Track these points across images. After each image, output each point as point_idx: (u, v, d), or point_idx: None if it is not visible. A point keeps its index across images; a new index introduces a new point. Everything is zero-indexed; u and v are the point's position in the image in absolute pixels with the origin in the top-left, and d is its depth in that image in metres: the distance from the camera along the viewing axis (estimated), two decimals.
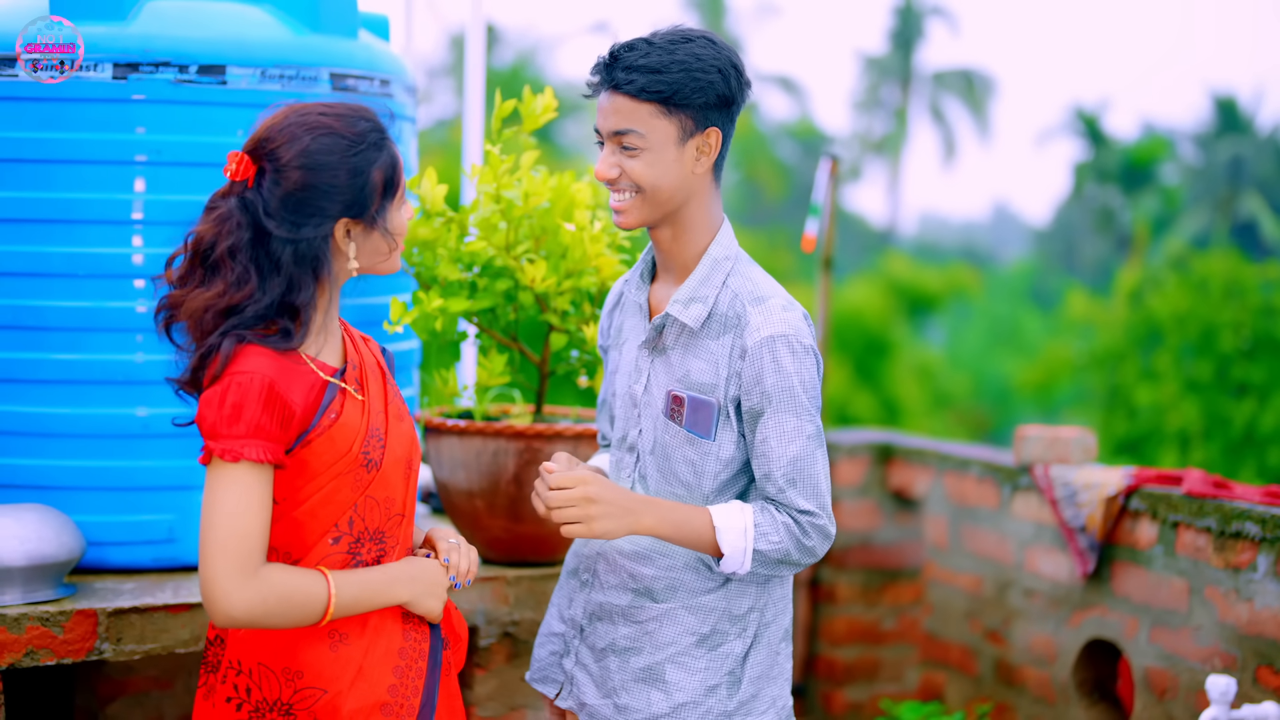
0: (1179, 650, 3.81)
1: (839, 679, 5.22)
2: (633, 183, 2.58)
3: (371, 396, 2.46)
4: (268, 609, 2.29)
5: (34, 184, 3.37)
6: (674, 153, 2.57)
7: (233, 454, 2.28)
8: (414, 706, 2.45)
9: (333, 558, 2.40)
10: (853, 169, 38.09)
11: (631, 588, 2.66)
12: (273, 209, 2.34)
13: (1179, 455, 14.61)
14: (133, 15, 3.39)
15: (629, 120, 2.55)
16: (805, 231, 5.14)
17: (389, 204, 2.43)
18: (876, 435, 5.44)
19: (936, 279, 24.31)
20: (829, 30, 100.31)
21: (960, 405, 24.55)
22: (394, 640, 2.45)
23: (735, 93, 2.59)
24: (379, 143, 2.41)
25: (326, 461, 2.37)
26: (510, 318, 3.54)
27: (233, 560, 2.28)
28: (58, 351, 3.37)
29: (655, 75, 2.52)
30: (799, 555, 2.57)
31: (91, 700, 3.81)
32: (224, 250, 2.35)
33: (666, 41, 2.55)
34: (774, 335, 2.59)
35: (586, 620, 2.72)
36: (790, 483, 2.57)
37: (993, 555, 4.64)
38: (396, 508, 2.48)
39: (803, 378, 2.58)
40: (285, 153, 2.35)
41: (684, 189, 2.60)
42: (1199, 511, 3.76)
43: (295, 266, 2.35)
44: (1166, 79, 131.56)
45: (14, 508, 3.19)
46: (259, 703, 2.39)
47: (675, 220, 2.63)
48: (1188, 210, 30.20)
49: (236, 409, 2.29)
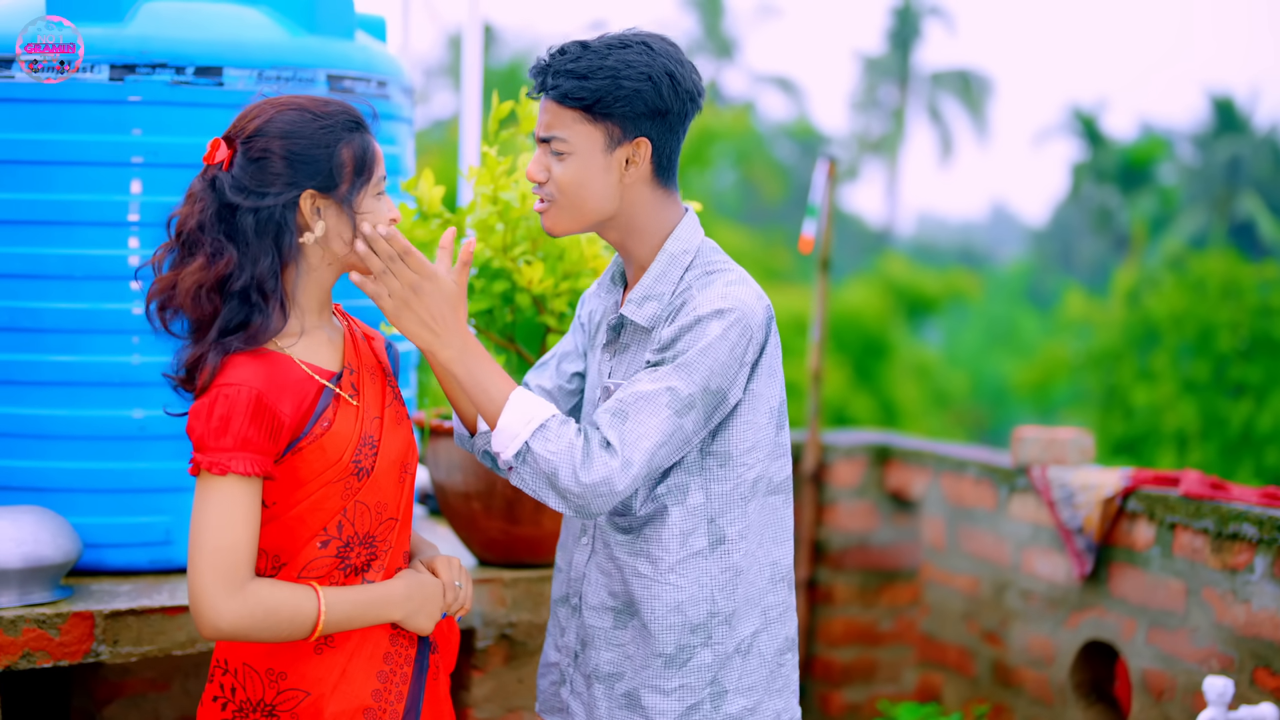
0: (1176, 651, 3.81)
1: (836, 680, 5.22)
2: (556, 188, 2.51)
3: (367, 401, 2.45)
4: (254, 622, 2.30)
5: (30, 185, 3.37)
6: (600, 160, 2.49)
7: (220, 467, 2.28)
8: (398, 712, 2.45)
9: (320, 561, 2.40)
10: (850, 169, 38.10)
11: (610, 606, 2.57)
12: (238, 180, 2.34)
13: (1176, 456, 14.62)
14: (129, 17, 3.38)
15: (555, 126, 2.50)
16: (803, 232, 5.14)
17: (361, 187, 2.39)
18: (874, 436, 5.44)
19: (935, 280, 24.32)
20: (827, 30, 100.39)
21: (957, 406, 24.57)
22: (380, 646, 2.44)
23: (669, 102, 2.49)
24: (350, 125, 2.39)
25: (316, 469, 2.37)
26: (507, 319, 3.54)
27: (219, 573, 2.28)
28: (54, 353, 3.36)
29: (580, 82, 2.46)
30: (567, 484, 2.36)
31: (88, 702, 3.80)
32: (194, 226, 2.36)
33: (602, 46, 2.48)
34: (715, 310, 2.44)
35: (580, 646, 2.63)
36: (614, 413, 2.40)
37: (990, 556, 4.64)
38: (389, 512, 2.47)
39: (715, 350, 2.42)
40: (251, 127, 2.37)
41: (612, 198, 2.52)
42: (1196, 513, 3.76)
43: (257, 236, 2.34)
44: (1164, 79, 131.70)
45: (10, 510, 3.18)
46: (243, 703, 2.40)
47: (617, 226, 2.56)
48: (1185, 210, 30.20)
49: (224, 422, 2.29)
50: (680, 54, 2.54)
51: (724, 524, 2.52)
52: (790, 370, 18.22)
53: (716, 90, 36.65)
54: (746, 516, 2.54)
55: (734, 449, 2.52)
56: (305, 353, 2.40)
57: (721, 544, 2.52)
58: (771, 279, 21.42)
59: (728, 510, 2.52)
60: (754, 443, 2.53)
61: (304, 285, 2.42)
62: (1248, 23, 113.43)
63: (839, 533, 5.24)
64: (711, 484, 2.52)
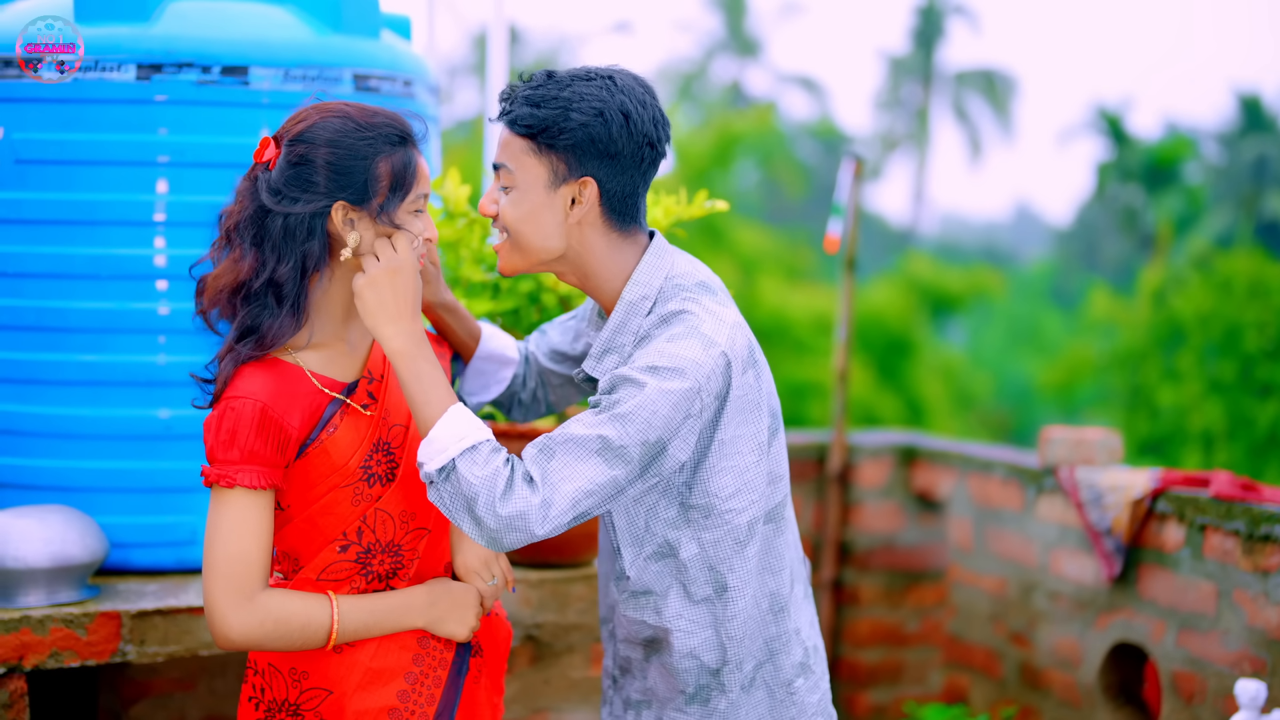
0: (1207, 654, 3.78)
1: (862, 681, 5.20)
2: (504, 223, 2.43)
3: (389, 410, 2.44)
4: (265, 633, 2.31)
5: (57, 185, 3.37)
6: (542, 197, 2.39)
7: (227, 480, 2.29)
8: (428, 715, 2.44)
9: (340, 565, 2.40)
10: (874, 169, 38.02)
11: (640, 639, 2.53)
12: (274, 183, 2.33)
13: (1202, 456, 14.54)
14: (156, 16, 3.39)
15: (504, 154, 2.42)
16: (828, 232, 5.13)
17: (398, 202, 2.37)
18: (900, 437, 5.42)
19: (959, 280, 24.24)
20: (851, 29, 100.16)
21: (982, 406, 24.49)
22: (408, 647, 2.44)
23: (619, 143, 2.37)
24: (393, 139, 2.37)
25: (321, 474, 2.37)
26: (533, 319, 3.53)
27: (230, 584, 2.29)
28: (80, 353, 3.37)
29: (530, 109, 2.37)
30: (483, 512, 2.25)
31: (115, 702, 3.81)
32: (231, 225, 2.37)
33: (566, 76, 2.39)
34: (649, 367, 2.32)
35: (618, 672, 2.60)
36: (541, 449, 2.29)
37: (1017, 557, 4.62)
38: (418, 522, 2.45)
39: (655, 405, 2.28)
40: (296, 130, 2.36)
41: (556, 237, 2.41)
42: (1227, 514, 3.74)
43: (284, 241, 2.33)
44: (1189, 78, 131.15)
45: (38, 509, 3.18)
46: (270, 702, 2.42)
47: (569, 268, 2.46)
48: (1211, 209, 30.04)
49: (231, 435, 2.30)
50: (647, 97, 2.42)
51: (724, 571, 2.45)
52: (815, 370, 18.21)
53: (739, 90, 36.62)
54: (746, 562, 2.46)
55: (715, 499, 2.42)
56: (319, 363, 2.40)
57: (725, 591, 2.45)
58: (795, 279, 21.38)
59: (726, 558, 2.45)
60: (739, 487, 2.43)
61: (329, 294, 2.41)
62: (1274, 20, 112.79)
63: (865, 533, 5.22)
64: (702, 534, 2.44)
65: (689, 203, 3.44)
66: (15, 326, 3.39)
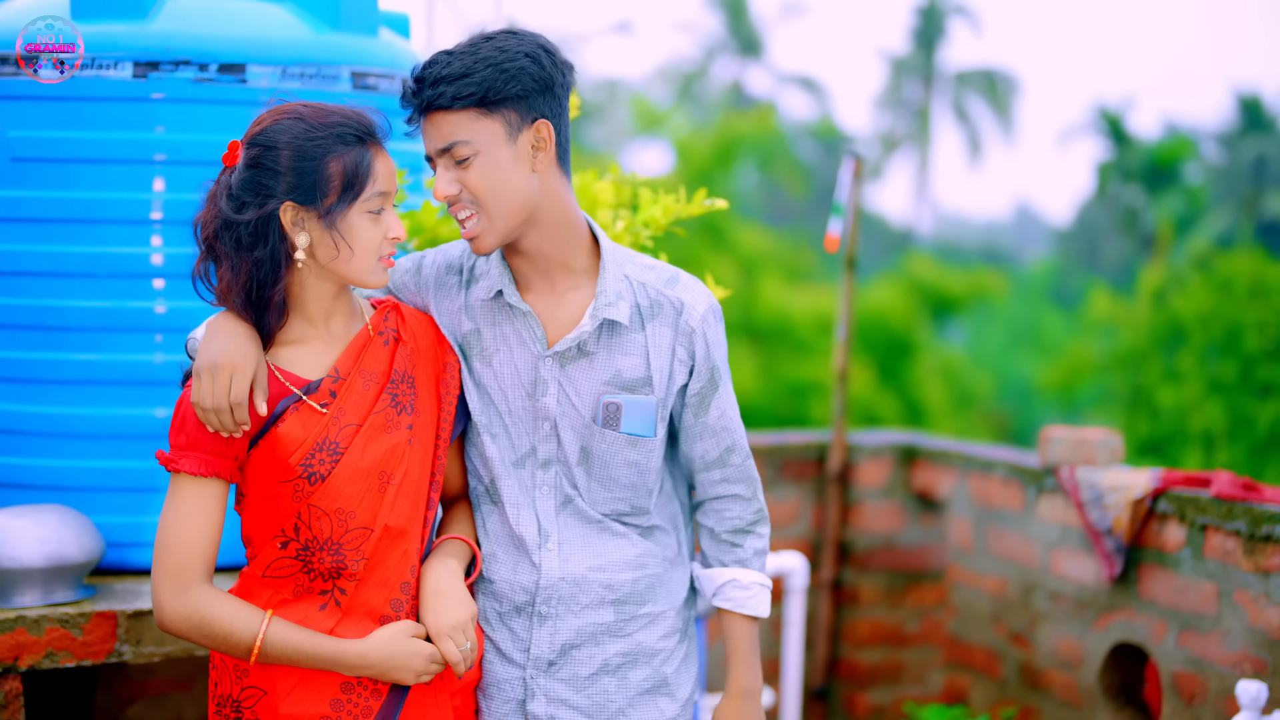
0: (1208, 655, 3.77)
1: (862, 681, 5.19)
2: (473, 196, 2.44)
3: (344, 408, 2.43)
4: (191, 627, 2.36)
5: (54, 183, 3.36)
6: (507, 152, 2.44)
7: (172, 464, 2.35)
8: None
9: (282, 562, 2.43)
10: (874, 169, 38.01)
11: (611, 600, 2.57)
12: (231, 187, 2.36)
13: (1203, 456, 14.53)
14: (153, 14, 3.37)
15: (452, 132, 2.43)
16: (829, 231, 5.11)
17: (348, 202, 2.36)
18: (900, 436, 5.41)
19: (959, 280, 24.23)
20: (851, 30, 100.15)
21: (982, 406, 24.47)
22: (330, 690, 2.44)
23: (551, 74, 2.46)
24: (348, 138, 2.36)
25: (266, 468, 2.40)
26: None
27: (167, 571, 2.35)
28: (77, 351, 3.36)
29: (463, 80, 2.41)
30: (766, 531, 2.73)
31: (112, 702, 3.80)
32: (210, 234, 2.39)
33: (466, 46, 2.46)
34: (710, 308, 2.61)
35: (557, 654, 2.57)
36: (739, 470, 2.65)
37: (1018, 558, 4.61)
38: (357, 521, 2.42)
39: (725, 348, 2.64)
40: (251, 132, 2.37)
41: (529, 190, 2.47)
42: (1228, 514, 3.72)
43: (250, 242, 2.35)
44: (1190, 78, 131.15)
45: (34, 509, 3.17)
46: (221, 697, 2.46)
47: (538, 223, 2.50)
48: (1212, 209, 30.03)
49: (181, 421, 2.36)
50: (542, 35, 2.53)
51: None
52: (816, 370, 18.20)
53: (740, 90, 36.60)
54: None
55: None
56: (290, 357, 2.42)
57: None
58: (796, 279, 21.36)
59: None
60: None
61: (307, 292, 2.43)
62: (1275, 20, 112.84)
63: (865, 533, 5.21)
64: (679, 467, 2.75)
65: (688, 201, 3.42)
66: (11, 325, 3.39)
